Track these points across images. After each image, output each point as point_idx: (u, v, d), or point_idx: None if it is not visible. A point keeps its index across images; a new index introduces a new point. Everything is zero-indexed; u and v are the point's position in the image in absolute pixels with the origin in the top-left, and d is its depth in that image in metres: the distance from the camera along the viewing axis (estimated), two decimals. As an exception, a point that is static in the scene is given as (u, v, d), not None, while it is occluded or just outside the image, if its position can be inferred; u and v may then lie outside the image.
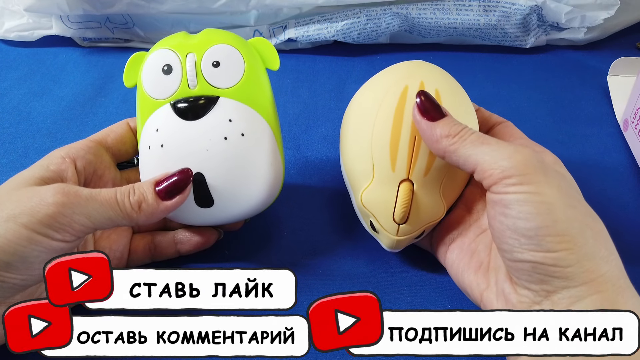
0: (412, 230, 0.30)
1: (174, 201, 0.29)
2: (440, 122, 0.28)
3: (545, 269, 0.24)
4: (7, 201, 0.26)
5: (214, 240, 0.33)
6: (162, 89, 0.31)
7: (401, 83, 0.30)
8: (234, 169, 0.30)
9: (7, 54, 0.53)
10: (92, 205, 0.26)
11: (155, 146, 0.30)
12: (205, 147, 0.30)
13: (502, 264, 0.27)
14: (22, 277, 0.25)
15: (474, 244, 0.30)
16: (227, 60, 0.31)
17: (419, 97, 0.28)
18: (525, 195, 0.24)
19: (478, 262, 0.29)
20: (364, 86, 0.33)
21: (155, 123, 0.31)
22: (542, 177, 0.25)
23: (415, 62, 0.32)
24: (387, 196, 0.30)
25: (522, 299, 0.25)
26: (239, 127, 0.30)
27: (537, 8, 0.49)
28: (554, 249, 0.23)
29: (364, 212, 0.31)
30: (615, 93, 0.46)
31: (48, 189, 0.26)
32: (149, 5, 0.50)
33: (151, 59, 0.32)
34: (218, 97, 0.30)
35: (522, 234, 0.24)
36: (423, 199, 0.30)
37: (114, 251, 0.32)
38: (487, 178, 0.25)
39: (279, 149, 0.32)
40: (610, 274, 0.24)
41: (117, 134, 0.33)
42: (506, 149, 0.26)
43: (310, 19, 0.51)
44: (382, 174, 0.30)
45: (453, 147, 0.27)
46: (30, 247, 0.25)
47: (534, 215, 0.24)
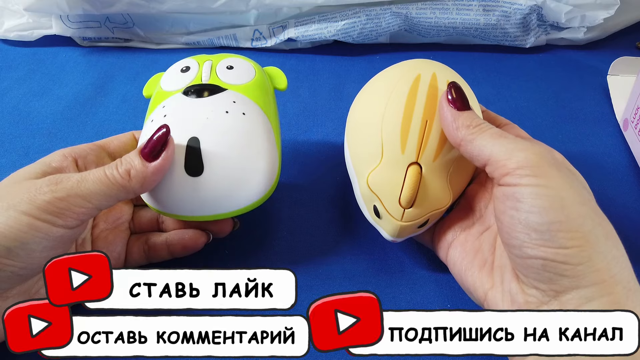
0: (417, 216, 0.30)
1: (161, 159, 0.28)
2: (465, 112, 0.28)
3: (556, 266, 0.23)
4: (7, 193, 0.26)
5: (203, 242, 0.33)
6: (176, 83, 0.33)
7: (414, 71, 0.31)
8: (230, 141, 0.30)
9: (7, 54, 0.53)
10: (84, 186, 0.27)
11: (158, 117, 0.31)
12: (206, 116, 0.30)
13: (508, 263, 0.26)
14: (22, 265, 0.25)
15: (478, 241, 0.30)
16: (240, 66, 0.34)
17: (450, 87, 0.29)
18: (539, 189, 0.24)
19: (482, 260, 0.28)
20: (374, 78, 0.33)
21: (164, 104, 0.32)
22: (556, 172, 0.24)
23: (426, 60, 0.33)
24: (395, 178, 0.29)
25: (530, 299, 0.25)
26: (242, 109, 0.31)
27: (537, 8, 0.49)
28: (565, 245, 0.23)
29: (369, 196, 0.30)
30: (615, 93, 0.46)
31: (43, 179, 0.27)
32: (149, 5, 0.50)
33: (172, 67, 0.35)
34: (226, 88, 0.32)
35: (533, 229, 0.24)
36: (430, 183, 0.29)
37: (111, 252, 0.32)
38: (500, 168, 0.25)
39: (277, 147, 0.32)
40: (621, 275, 0.23)
41: (120, 141, 0.34)
42: (522, 143, 0.26)
43: (310, 19, 0.51)
44: (391, 155, 0.29)
45: (471, 136, 0.27)
46: (30, 232, 0.25)
47: (547, 210, 0.23)
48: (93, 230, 0.32)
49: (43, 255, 0.26)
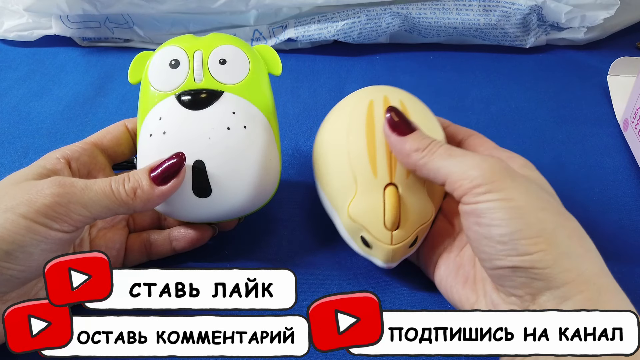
0: (406, 236, 0.30)
1: (169, 186, 0.29)
2: (410, 136, 0.28)
3: (525, 272, 0.24)
4: (5, 195, 0.26)
5: (209, 236, 0.33)
6: (167, 82, 0.31)
7: (365, 99, 0.31)
8: (234, 160, 0.30)
9: (7, 54, 0.53)
10: (87, 195, 0.27)
11: (157, 134, 0.30)
12: (208, 136, 0.30)
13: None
14: (21, 268, 0.25)
15: (459, 258, 0.30)
16: (233, 59, 0.32)
17: (389, 113, 0.29)
18: (496, 203, 0.24)
19: (464, 276, 0.29)
20: (329, 114, 0.34)
21: (159, 112, 0.31)
22: (510, 183, 0.25)
23: (374, 86, 0.33)
24: (375, 204, 0.29)
25: (510, 306, 0.25)
26: (242, 120, 0.31)
27: (537, 8, 0.49)
28: (529, 252, 0.24)
29: (354, 228, 0.30)
30: (615, 93, 0.46)
31: (45, 181, 0.27)
32: (149, 5, 0.50)
33: (159, 55, 0.32)
34: (222, 91, 0.31)
35: (497, 241, 0.24)
36: (410, 200, 0.29)
37: (110, 249, 0.32)
38: (458, 189, 0.26)
39: (277, 148, 0.32)
40: (590, 272, 0.24)
41: (113, 135, 0.33)
42: (472, 159, 0.26)
43: (310, 19, 0.51)
44: (365, 182, 0.30)
45: (422, 161, 0.27)
46: (28, 235, 0.25)
47: (506, 221, 0.24)
48: (91, 230, 0.32)
49: (42, 258, 0.26)
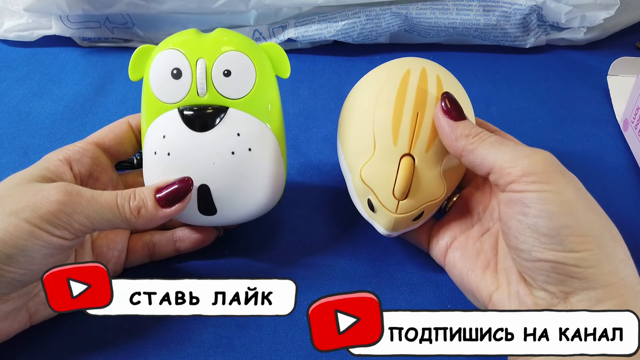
0: (412, 208, 0.30)
1: (173, 209, 0.29)
2: (462, 122, 0.28)
3: (567, 269, 0.23)
4: (10, 197, 0.26)
5: (213, 237, 0.33)
6: (170, 93, 0.30)
7: (403, 67, 0.31)
8: (239, 181, 0.31)
9: (7, 54, 0.53)
10: (92, 207, 0.27)
11: (162, 153, 0.30)
12: (213, 160, 0.30)
13: (513, 265, 0.27)
14: (22, 272, 0.25)
15: (479, 243, 0.30)
16: (238, 70, 0.30)
17: (443, 97, 0.29)
18: (547, 194, 0.24)
19: (485, 262, 0.28)
20: (364, 77, 0.34)
21: (163, 129, 0.30)
22: (561, 178, 0.25)
23: (414, 57, 0.33)
24: (388, 170, 0.29)
25: (539, 300, 0.25)
26: (247, 142, 0.30)
27: (537, 8, 0.49)
28: (576, 249, 0.23)
29: (363, 190, 0.30)
30: (615, 93, 0.46)
31: (52, 186, 0.26)
32: (149, 5, 0.50)
33: (160, 58, 0.31)
34: (227, 107, 0.30)
35: (543, 233, 0.24)
36: (424, 174, 0.29)
37: (112, 250, 0.32)
38: (506, 176, 0.25)
39: (283, 158, 0.32)
40: (629, 278, 0.24)
41: (115, 134, 0.33)
42: (524, 150, 0.26)
43: (310, 19, 0.51)
44: (383, 148, 0.30)
45: (472, 146, 0.27)
46: (31, 240, 0.25)
47: (556, 215, 0.24)
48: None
49: (43, 262, 0.26)
